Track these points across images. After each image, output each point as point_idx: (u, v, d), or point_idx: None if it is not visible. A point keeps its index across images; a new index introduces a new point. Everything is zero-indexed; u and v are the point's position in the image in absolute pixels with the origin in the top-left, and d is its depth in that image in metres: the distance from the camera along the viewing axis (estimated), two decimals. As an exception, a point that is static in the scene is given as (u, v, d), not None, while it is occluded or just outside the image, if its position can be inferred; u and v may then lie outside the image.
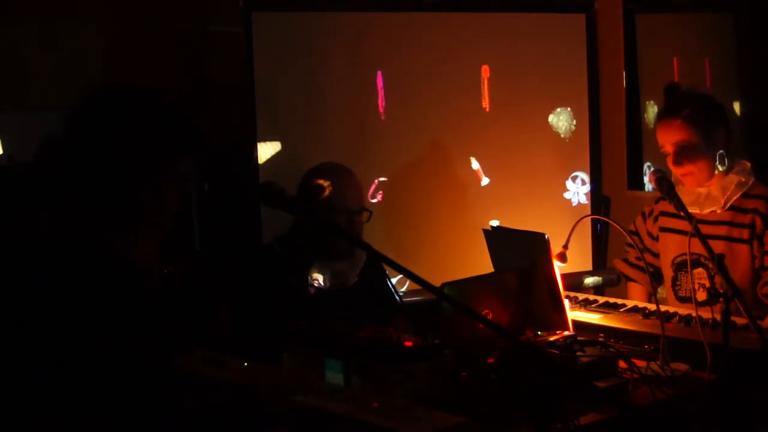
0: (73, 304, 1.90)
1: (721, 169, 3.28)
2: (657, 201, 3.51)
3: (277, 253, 3.22)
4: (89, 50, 4.27)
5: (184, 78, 4.49)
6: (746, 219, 3.23)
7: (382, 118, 4.28)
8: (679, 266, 3.37)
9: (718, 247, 2.81)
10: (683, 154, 3.25)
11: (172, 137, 2.10)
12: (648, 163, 4.54)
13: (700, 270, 3.25)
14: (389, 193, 4.29)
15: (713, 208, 3.27)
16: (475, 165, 4.42)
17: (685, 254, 3.32)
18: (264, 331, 3.00)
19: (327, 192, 3.21)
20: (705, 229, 3.00)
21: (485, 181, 4.44)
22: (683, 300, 3.35)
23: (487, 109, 4.44)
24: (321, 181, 3.23)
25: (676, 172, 3.30)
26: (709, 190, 3.29)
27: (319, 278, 3.22)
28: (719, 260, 2.58)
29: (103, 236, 2.00)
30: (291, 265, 3.19)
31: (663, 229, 3.46)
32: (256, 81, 4.07)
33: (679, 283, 3.37)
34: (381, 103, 4.27)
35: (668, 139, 3.28)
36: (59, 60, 4.18)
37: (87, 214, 2.02)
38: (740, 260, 3.21)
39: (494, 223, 4.28)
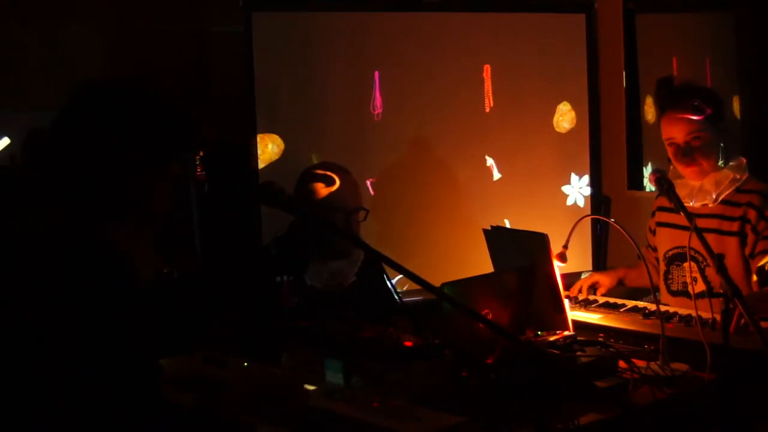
0: (71, 299, 1.90)
1: (720, 164, 3.28)
2: (657, 197, 3.51)
3: (272, 254, 3.22)
4: (89, 50, 4.27)
5: (184, 77, 4.50)
6: (738, 212, 3.23)
7: (382, 117, 4.28)
8: (671, 260, 3.37)
9: (709, 240, 2.81)
10: (696, 147, 3.22)
11: (164, 134, 2.09)
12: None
13: (692, 263, 3.24)
14: (388, 193, 4.29)
15: (705, 202, 3.27)
16: (489, 161, 4.43)
17: (675, 248, 3.32)
18: (264, 331, 3.00)
19: (324, 191, 3.20)
20: (697, 222, 2.99)
21: (497, 176, 4.45)
22: (675, 294, 3.35)
23: (488, 110, 4.44)
24: (318, 181, 3.22)
25: (684, 166, 3.27)
26: (702, 183, 3.28)
27: (316, 278, 3.21)
28: (719, 260, 2.57)
29: (96, 230, 2.00)
30: (285, 265, 3.18)
31: (659, 224, 3.46)
32: (256, 81, 4.07)
33: (671, 277, 3.37)
34: (380, 102, 4.27)
35: (677, 131, 3.22)
36: (59, 60, 4.19)
37: (79, 210, 2.02)
38: (729, 253, 3.20)
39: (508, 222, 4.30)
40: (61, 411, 1.90)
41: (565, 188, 4.58)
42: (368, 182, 4.28)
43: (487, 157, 4.45)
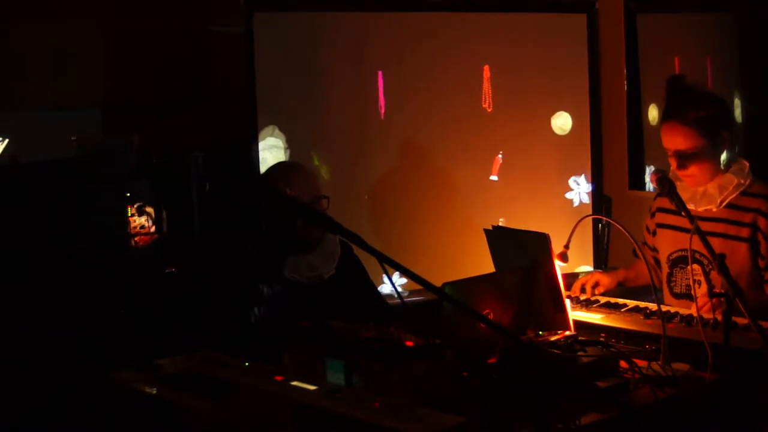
0: None
1: (721, 168, 3.27)
2: (655, 197, 3.50)
3: (251, 255, 3.21)
4: (89, 50, 4.27)
5: (184, 78, 4.50)
6: (747, 218, 3.21)
7: (383, 117, 4.28)
8: (675, 262, 3.36)
9: (714, 244, 2.80)
10: (689, 158, 3.22)
11: None
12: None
13: (696, 266, 3.23)
14: (389, 193, 4.29)
15: (709, 206, 3.26)
16: (491, 161, 4.44)
17: (679, 251, 3.31)
18: (264, 331, 3.00)
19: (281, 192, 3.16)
20: (701, 226, 2.98)
21: (494, 177, 4.44)
22: (678, 296, 3.34)
23: (489, 110, 4.44)
24: (274, 186, 3.19)
25: (679, 173, 3.28)
26: (705, 188, 3.27)
27: (296, 272, 3.18)
28: (720, 260, 2.57)
29: None
30: (264, 265, 3.16)
31: (660, 225, 3.45)
32: (257, 81, 4.07)
33: (674, 279, 3.37)
34: (382, 102, 4.27)
35: (674, 144, 3.23)
36: (59, 60, 4.19)
37: None
38: (737, 258, 3.19)
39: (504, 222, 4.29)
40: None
41: (566, 188, 4.58)
42: (368, 182, 4.29)
43: (493, 156, 4.45)
